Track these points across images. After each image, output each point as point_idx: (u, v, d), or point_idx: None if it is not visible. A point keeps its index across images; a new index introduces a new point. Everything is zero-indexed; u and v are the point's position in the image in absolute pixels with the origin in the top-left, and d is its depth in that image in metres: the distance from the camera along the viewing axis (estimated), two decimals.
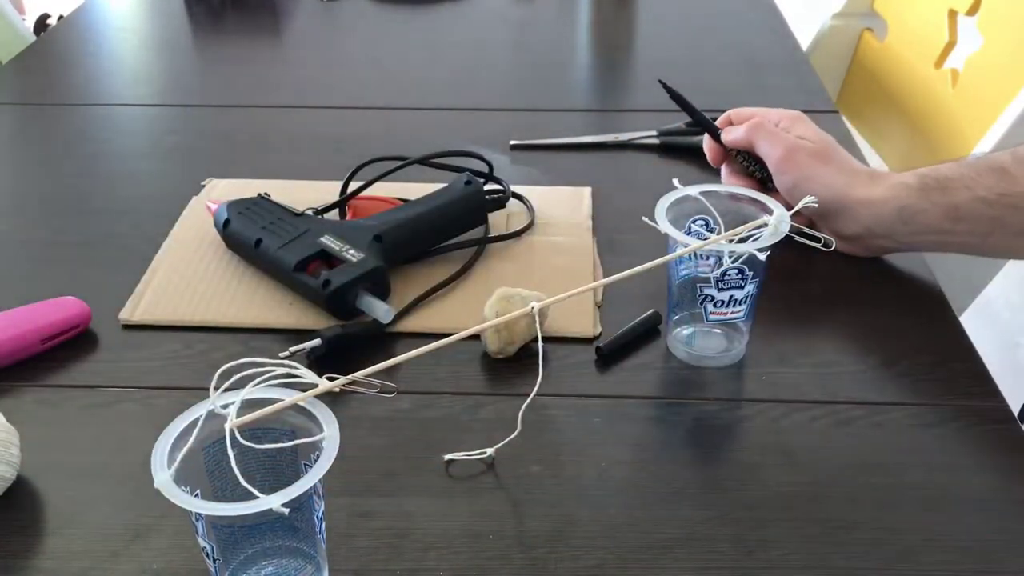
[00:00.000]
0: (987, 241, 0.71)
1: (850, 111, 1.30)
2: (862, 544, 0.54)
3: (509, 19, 1.34)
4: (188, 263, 0.78)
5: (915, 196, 0.71)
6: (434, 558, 0.53)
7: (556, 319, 0.69)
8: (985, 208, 0.69)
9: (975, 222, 0.70)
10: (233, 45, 1.28)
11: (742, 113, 0.81)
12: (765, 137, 0.77)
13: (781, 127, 0.78)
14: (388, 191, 0.83)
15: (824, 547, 0.54)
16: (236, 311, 0.73)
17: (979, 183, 0.69)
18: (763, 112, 0.80)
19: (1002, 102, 0.96)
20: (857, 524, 0.55)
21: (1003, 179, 0.68)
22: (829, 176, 0.74)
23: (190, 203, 0.86)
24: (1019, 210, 0.68)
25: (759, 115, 0.80)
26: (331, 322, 0.70)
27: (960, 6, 1.13)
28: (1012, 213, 0.68)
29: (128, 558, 0.53)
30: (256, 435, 0.48)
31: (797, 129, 0.78)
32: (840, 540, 0.54)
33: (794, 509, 0.56)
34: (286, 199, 0.79)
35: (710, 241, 0.61)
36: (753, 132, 0.78)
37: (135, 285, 0.75)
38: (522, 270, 0.78)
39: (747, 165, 0.81)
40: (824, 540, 0.54)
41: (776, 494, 0.57)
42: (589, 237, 0.82)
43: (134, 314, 0.72)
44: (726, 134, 0.81)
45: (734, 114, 0.82)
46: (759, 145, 0.78)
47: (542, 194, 0.87)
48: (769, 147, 0.77)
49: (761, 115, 0.80)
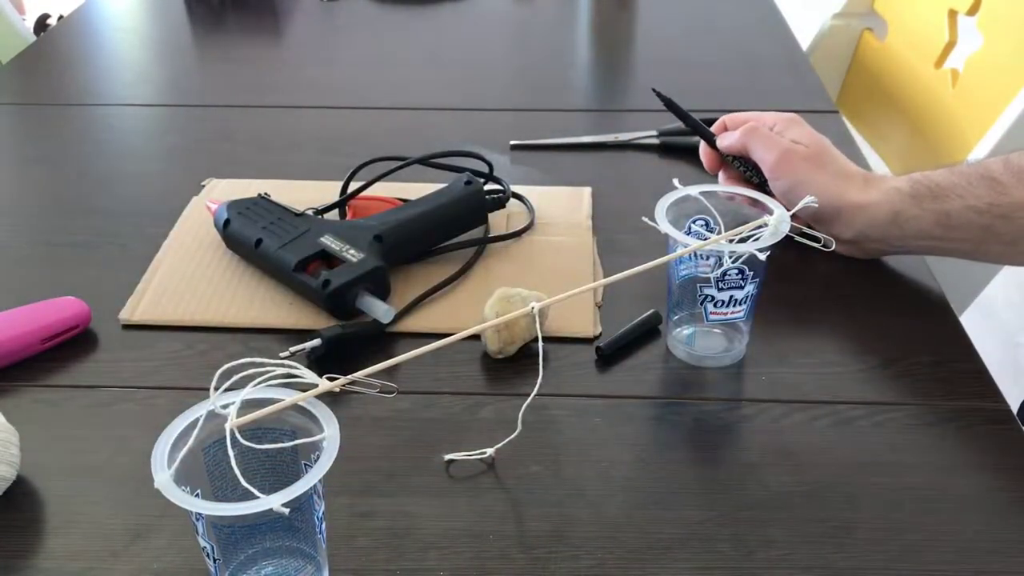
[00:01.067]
0: (980, 248, 0.71)
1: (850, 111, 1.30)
2: (862, 544, 0.54)
3: (509, 19, 1.34)
4: (188, 263, 0.78)
5: (908, 202, 0.71)
6: (434, 558, 0.53)
7: (556, 319, 0.69)
8: (976, 217, 0.69)
9: (967, 230, 0.70)
10: (233, 45, 1.28)
11: (737, 118, 0.81)
12: (759, 142, 0.77)
13: (776, 131, 0.78)
14: (388, 191, 0.83)
15: (824, 547, 0.54)
16: (236, 311, 0.73)
17: (970, 192, 0.69)
18: (758, 116, 0.80)
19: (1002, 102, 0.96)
20: (857, 524, 0.55)
21: (994, 188, 0.68)
22: (823, 180, 0.74)
23: (190, 203, 0.86)
24: (1010, 220, 0.68)
25: (754, 119, 0.79)
26: (331, 322, 0.70)
27: (960, 6, 1.13)
28: (1003, 223, 0.68)
29: (128, 558, 0.53)
30: (256, 435, 0.48)
31: (792, 132, 0.78)
32: (840, 540, 0.54)
33: (794, 509, 0.56)
34: (286, 199, 0.79)
35: (710, 241, 0.61)
36: (747, 137, 0.78)
37: (135, 285, 0.75)
38: (522, 270, 0.78)
39: (743, 170, 0.80)
40: (824, 540, 0.54)
41: (776, 494, 0.57)
42: (589, 237, 0.82)
43: (134, 314, 0.72)
44: (721, 140, 0.81)
45: (729, 119, 0.82)
46: (754, 150, 0.77)
47: (542, 194, 0.87)
48: (763, 152, 0.76)
49: (756, 119, 0.79)
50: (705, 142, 0.83)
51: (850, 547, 0.54)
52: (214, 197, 0.84)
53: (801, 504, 0.57)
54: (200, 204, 0.86)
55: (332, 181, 0.84)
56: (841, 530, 0.55)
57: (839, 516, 0.56)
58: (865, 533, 0.55)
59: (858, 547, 0.54)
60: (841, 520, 0.56)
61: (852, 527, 0.55)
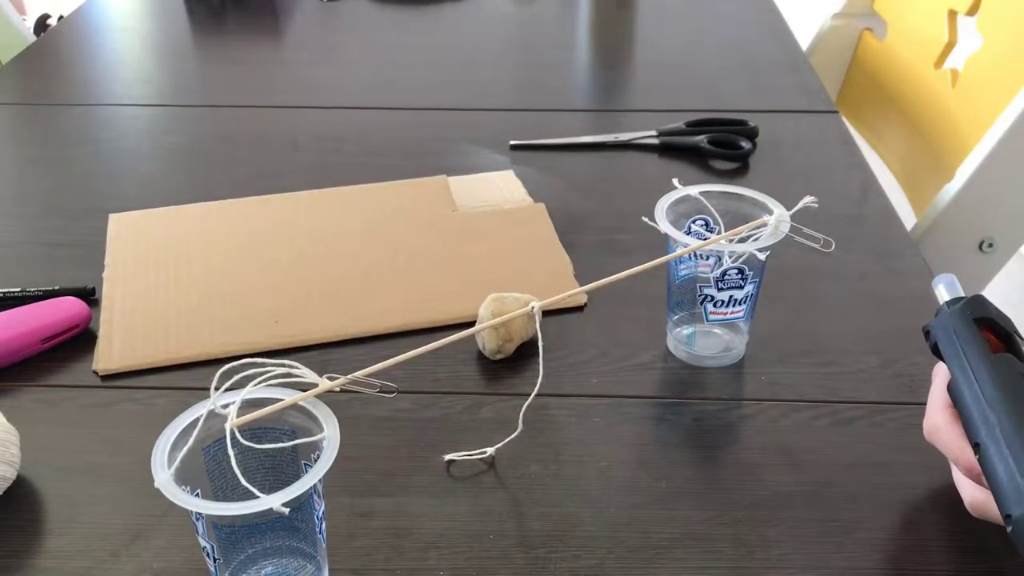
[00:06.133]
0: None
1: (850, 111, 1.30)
2: (862, 544, 0.54)
3: (509, 19, 1.34)
4: (143, 294, 0.74)
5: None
6: (434, 558, 0.53)
7: (543, 296, 0.65)
8: None
9: None
10: (233, 45, 1.28)
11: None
12: None
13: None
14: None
15: (824, 547, 0.54)
16: (222, 335, 0.70)
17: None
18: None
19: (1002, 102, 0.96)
20: (857, 524, 0.55)
21: None
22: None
23: (108, 227, 0.83)
24: None
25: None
26: None
27: (960, 6, 1.13)
28: None
29: (128, 558, 0.53)
30: (256, 435, 0.48)
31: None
32: (840, 540, 0.54)
33: (794, 509, 0.56)
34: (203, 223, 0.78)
35: (710, 241, 0.61)
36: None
37: None
38: (492, 244, 0.80)
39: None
40: (824, 540, 0.54)
41: (776, 494, 0.57)
42: (541, 209, 0.85)
43: (111, 362, 0.67)
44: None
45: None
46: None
47: (471, 181, 0.90)
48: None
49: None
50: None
51: (850, 547, 0.54)
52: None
53: (801, 504, 0.57)
54: (121, 221, 0.83)
55: (240, 198, 0.84)
56: (841, 530, 0.55)
57: (839, 516, 0.56)
58: (865, 533, 0.55)
59: (858, 547, 0.54)
60: (841, 520, 0.56)
61: (852, 527, 0.55)
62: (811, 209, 0.64)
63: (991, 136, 0.94)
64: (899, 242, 0.81)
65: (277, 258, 0.79)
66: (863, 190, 0.90)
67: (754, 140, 0.96)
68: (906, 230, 0.84)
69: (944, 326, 0.53)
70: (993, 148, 0.93)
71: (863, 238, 0.82)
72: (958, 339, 0.52)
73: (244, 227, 0.83)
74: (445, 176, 0.90)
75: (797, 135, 1.00)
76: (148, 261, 0.78)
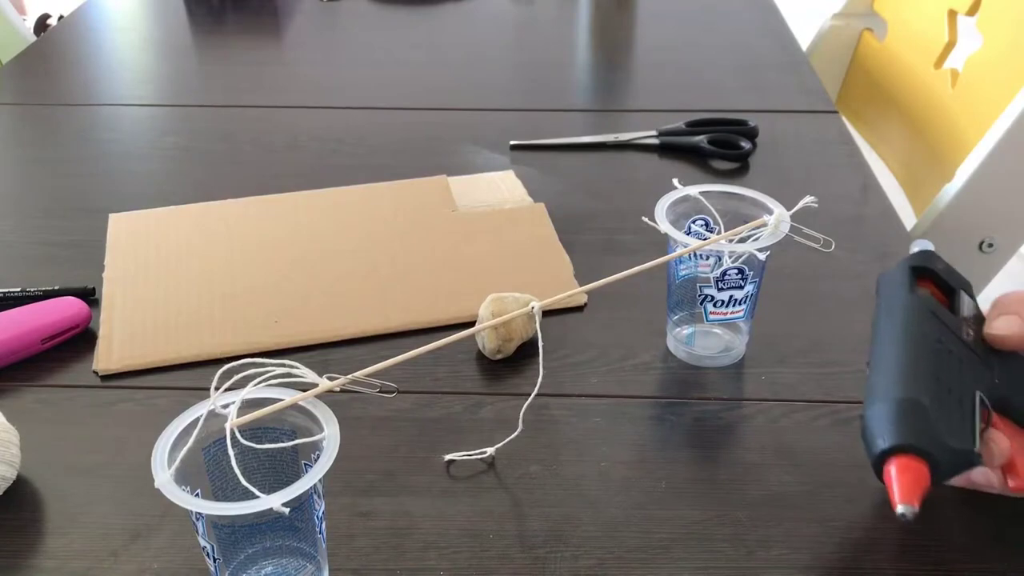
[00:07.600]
0: None
1: (850, 111, 1.30)
2: (862, 544, 0.54)
3: (509, 19, 1.34)
4: (143, 294, 0.74)
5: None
6: (434, 558, 0.53)
7: (543, 296, 0.66)
8: None
9: None
10: (233, 45, 1.28)
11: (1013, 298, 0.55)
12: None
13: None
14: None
15: (824, 547, 0.54)
16: (222, 335, 0.70)
17: None
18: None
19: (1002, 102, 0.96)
20: (857, 524, 0.55)
21: None
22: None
23: (108, 227, 0.83)
24: None
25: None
26: None
27: (960, 6, 1.13)
28: None
29: (128, 558, 0.53)
30: (256, 435, 0.48)
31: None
32: (840, 540, 0.54)
33: (794, 509, 0.56)
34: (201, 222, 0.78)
35: (710, 241, 0.61)
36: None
37: None
38: (492, 244, 0.80)
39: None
40: (824, 540, 0.54)
41: (776, 494, 0.57)
42: (541, 209, 0.85)
43: (111, 362, 0.68)
44: (1004, 324, 0.54)
45: (1004, 301, 0.55)
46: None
47: (472, 181, 0.90)
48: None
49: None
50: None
51: (850, 547, 0.54)
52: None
53: (801, 504, 0.57)
54: (118, 224, 0.83)
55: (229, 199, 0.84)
56: (841, 530, 0.55)
57: (839, 516, 0.56)
58: (865, 533, 0.55)
59: (858, 547, 0.54)
60: (841, 520, 0.56)
61: (852, 527, 0.55)
62: (811, 209, 0.64)
63: (991, 136, 0.94)
64: (899, 242, 0.81)
65: (277, 258, 0.79)
66: (863, 190, 0.90)
67: (754, 140, 0.96)
68: (906, 230, 0.84)
69: (887, 273, 0.58)
70: (993, 148, 0.93)
71: (863, 238, 0.82)
72: (890, 282, 0.57)
73: (244, 227, 0.83)
74: (445, 176, 0.90)
75: (797, 135, 1.00)
76: (148, 261, 0.78)
